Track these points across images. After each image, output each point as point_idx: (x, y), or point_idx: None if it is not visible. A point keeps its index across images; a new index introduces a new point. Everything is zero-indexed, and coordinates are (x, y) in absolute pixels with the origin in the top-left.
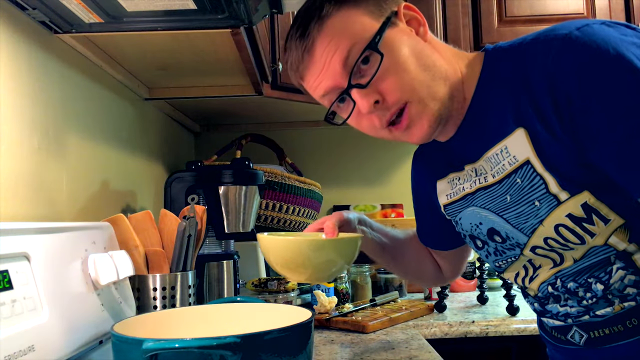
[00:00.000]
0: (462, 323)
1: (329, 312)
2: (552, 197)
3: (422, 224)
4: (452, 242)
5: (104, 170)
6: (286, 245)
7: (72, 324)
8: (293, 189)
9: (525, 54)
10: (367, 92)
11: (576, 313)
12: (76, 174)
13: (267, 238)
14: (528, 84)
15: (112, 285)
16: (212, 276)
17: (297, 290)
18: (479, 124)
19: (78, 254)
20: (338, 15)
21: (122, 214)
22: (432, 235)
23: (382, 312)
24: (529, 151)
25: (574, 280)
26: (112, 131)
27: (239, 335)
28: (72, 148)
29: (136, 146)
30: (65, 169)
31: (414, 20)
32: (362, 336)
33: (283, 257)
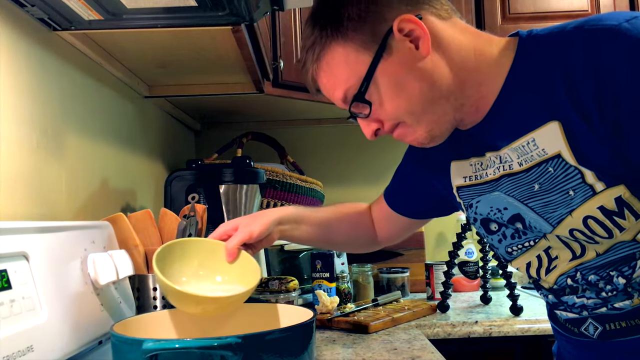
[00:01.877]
0: (465, 323)
1: (331, 312)
2: (588, 187)
3: (399, 189)
4: (423, 213)
5: (104, 169)
6: (164, 287)
7: (71, 324)
8: (294, 187)
9: (565, 43)
10: (369, 122)
11: (593, 305)
12: (75, 172)
13: (156, 272)
14: (567, 75)
15: (111, 285)
16: None
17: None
18: (506, 115)
19: (77, 254)
20: (330, 53)
21: (122, 213)
22: (407, 202)
23: (384, 312)
24: (562, 145)
25: (596, 273)
26: (111, 129)
27: (240, 336)
28: (71, 146)
29: (136, 144)
30: (64, 168)
31: (414, 32)
32: (364, 336)
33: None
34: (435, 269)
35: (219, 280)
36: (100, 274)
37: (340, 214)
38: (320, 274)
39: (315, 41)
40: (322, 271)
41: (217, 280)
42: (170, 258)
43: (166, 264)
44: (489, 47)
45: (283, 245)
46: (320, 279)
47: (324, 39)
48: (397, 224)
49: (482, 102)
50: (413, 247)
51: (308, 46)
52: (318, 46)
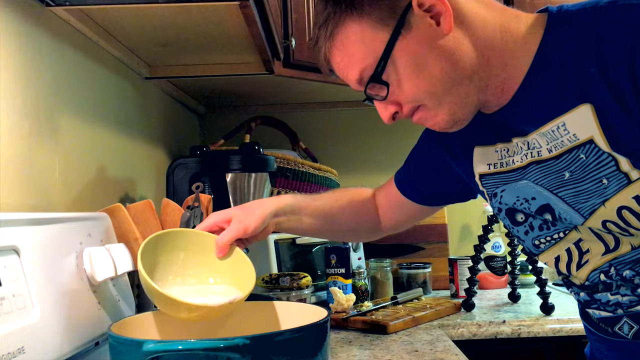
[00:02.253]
0: (492, 323)
1: (347, 310)
2: (623, 176)
3: (414, 174)
4: (438, 200)
5: (101, 156)
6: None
7: (66, 323)
8: (307, 176)
9: (598, 20)
10: (386, 104)
11: (628, 302)
12: (70, 160)
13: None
14: (601, 54)
15: (109, 281)
16: None
17: (312, 287)
18: (534, 97)
19: (72, 248)
20: (344, 30)
21: (120, 204)
22: (421, 188)
23: (404, 311)
24: (594, 129)
25: (631, 268)
26: (109, 113)
27: (248, 337)
28: (66, 132)
29: (136, 129)
30: (58, 155)
31: (435, 7)
32: (382, 337)
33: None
34: (460, 264)
35: (211, 281)
36: (97, 270)
37: (342, 202)
38: (335, 269)
39: (328, 17)
40: (337, 267)
41: (209, 282)
42: (156, 252)
43: (152, 259)
44: (515, 23)
45: (295, 239)
46: (335, 275)
47: (337, 14)
48: (406, 212)
49: (508, 83)
50: (435, 240)
51: (320, 22)
52: (331, 23)
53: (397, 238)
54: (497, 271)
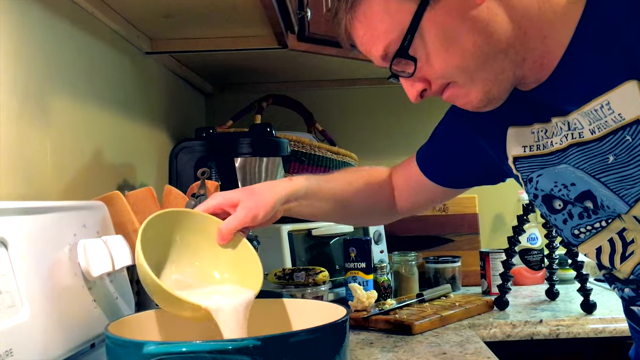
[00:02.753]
0: (528, 323)
1: (368, 309)
2: None
3: (439, 153)
4: (463, 183)
5: (97, 139)
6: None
7: (58, 323)
8: (324, 161)
9: None
10: (413, 81)
11: None
12: (63, 143)
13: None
14: None
15: (106, 277)
16: None
17: (329, 283)
18: (575, 74)
19: (65, 240)
20: (367, 0)
21: (118, 192)
22: (446, 169)
23: (431, 309)
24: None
25: None
26: (106, 92)
27: (260, 338)
28: (59, 112)
29: (135, 110)
30: (50, 138)
31: None
32: (407, 338)
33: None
34: (492, 258)
35: (216, 276)
36: (93, 264)
37: (357, 185)
38: (355, 263)
39: None
40: (357, 260)
41: (215, 276)
42: (155, 237)
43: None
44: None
45: (311, 230)
46: (355, 270)
47: None
48: (426, 194)
49: (547, 58)
50: (466, 232)
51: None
52: None
53: (424, 229)
54: (534, 266)
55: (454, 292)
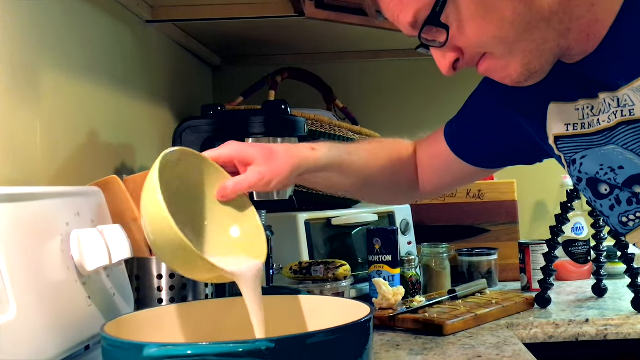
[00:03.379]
0: (573, 322)
1: (394, 307)
2: None
3: (470, 129)
4: (496, 162)
5: (92, 118)
6: (169, 236)
7: (49, 323)
8: (345, 141)
9: None
10: (445, 51)
11: None
12: (54, 122)
13: (160, 206)
14: None
15: (102, 271)
16: None
17: (351, 279)
18: (626, 45)
19: (57, 230)
20: None
21: (116, 176)
22: (478, 147)
23: (464, 307)
24: None
25: None
26: (103, 65)
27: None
28: (50, 88)
29: (135, 85)
30: (40, 116)
31: None
32: (438, 340)
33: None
34: (533, 250)
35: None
36: (87, 257)
37: (380, 161)
38: (380, 256)
39: None
40: (383, 253)
41: (220, 238)
42: (163, 180)
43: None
44: None
45: (330, 219)
46: (379, 264)
47: None
48: (453, 173)
49: (594, 27)
50: (503, 221)
51: None
52: None
53: (456, 218)
54: (579, 259)
55: (490, 288)
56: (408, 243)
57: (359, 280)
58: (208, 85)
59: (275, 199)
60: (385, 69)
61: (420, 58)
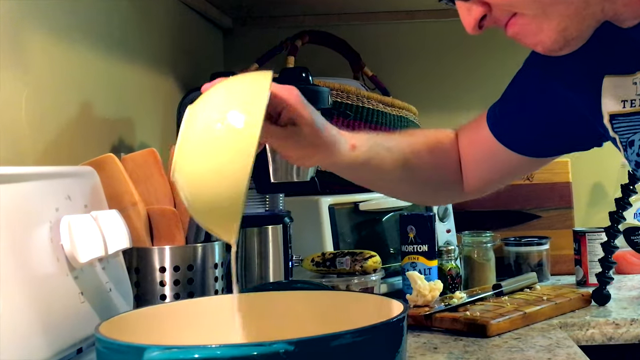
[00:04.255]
0: (635, 322)
1: (430, 304)
2: None
3: (516, 112)
4: (548, 150)
5: (85, 88)
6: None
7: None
8: (375, 115)
9: None
10: (470, 5)
11: None
12: (42, 93)
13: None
14: None
15: (96, 263)
16: (250, 250)
17: (382, 272)
18: None
19: (45, 216)
20: None
21: (113, 154)
22: (526, 133)
23: (511, 304)
24: None
25: None
26: (97, 28)
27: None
28: (37, 55)
29: (134, 51)
30: (26, 86)
31: None
32: (480, 342)
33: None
34: (590, 239)
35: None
36: (80, 247)
37: (418, 149)
38: (415, 246)
39: None
40: (417, 242)
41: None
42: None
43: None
44: None
45: (357, 204)
46: (414, 255)
47: None
48: (499, 166)
49: None
50: (555, 206)
51: None
52: None
53: (502, 203)
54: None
55: (540, 282)
56: (447, 231)
57: (391, 273)
58: (218, 51)
59: (295, 180)
60: (421, 32)
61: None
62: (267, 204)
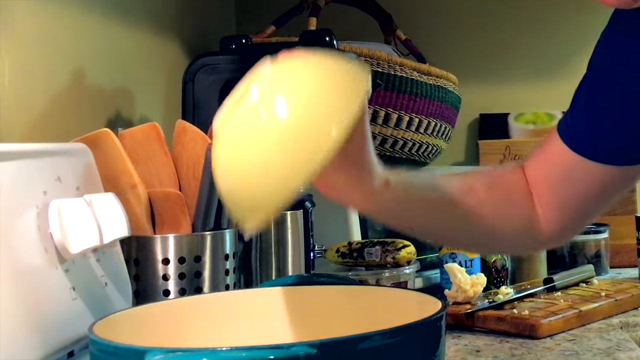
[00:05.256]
0: None
1: (472, 301)
2: None
3: (589, 110)
4: (628, 154)
5: (78, 54)
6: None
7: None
8: (409, 84)
9: None
10: None
11: None
12: (29, 60)
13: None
14: None
15: (90, 254)
16: (266, 239)
17: (416, 264)
18: None
19: (31, 200)
20: None
21: (109, 130)
22: (611, 135)
23: (565, 301)
24: None
25: None
26: None
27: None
28: (22, 15)
29: (134, 11)
30: (10, 52)
31: None
32: (530, 344)
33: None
34: None
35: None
36: (71, 236)
37: (475, 186)
38: None
39: None
40: None
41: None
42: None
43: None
44: None
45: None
46: None
47: None
48: (581, 186)
49: None
50: None
51: None
52: None
53: None
54: None
55: (598, 276)
56: None
57: (427, 266)
58: (229, 11)
59: None
60: None
61: None
62: None
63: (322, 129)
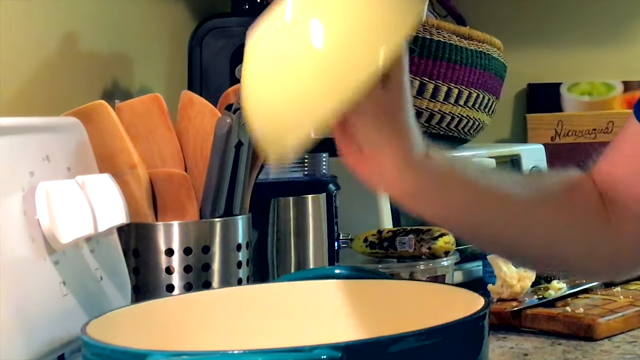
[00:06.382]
0: None
1: (519, 298)
2: None
3: None
4: None
5: (70, 16)
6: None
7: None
8: (447, 50)
9: None
10: None
11: None
12: (15, 23)
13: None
14: None
15: (83, 244)
16: (285, 226)
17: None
18: None
19: (16, 182)
20: None
21: (104, 102)
22: None
23: (625, 298)
24: None
25: None
26: None
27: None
28: None
29: None
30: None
31: None
32: (585, 346)
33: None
34: None
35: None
36: (62, 223)
37: (534, 191)
38: None
39: None
40: None
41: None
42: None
43: None
44: None
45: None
46: None
47: None
48: None
49: None
50: None
51: None
52: None
53: None
54: None
55: None
56: None
57: (467, 257)
58: None
59: None
60: None
61: None
62: (307, 167)
63: (365, 48)
